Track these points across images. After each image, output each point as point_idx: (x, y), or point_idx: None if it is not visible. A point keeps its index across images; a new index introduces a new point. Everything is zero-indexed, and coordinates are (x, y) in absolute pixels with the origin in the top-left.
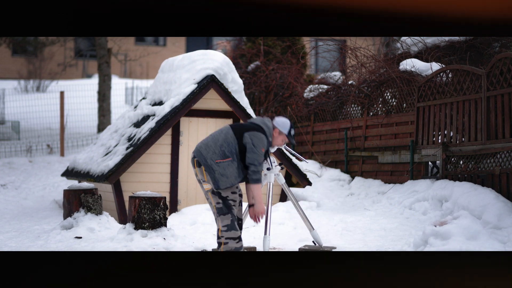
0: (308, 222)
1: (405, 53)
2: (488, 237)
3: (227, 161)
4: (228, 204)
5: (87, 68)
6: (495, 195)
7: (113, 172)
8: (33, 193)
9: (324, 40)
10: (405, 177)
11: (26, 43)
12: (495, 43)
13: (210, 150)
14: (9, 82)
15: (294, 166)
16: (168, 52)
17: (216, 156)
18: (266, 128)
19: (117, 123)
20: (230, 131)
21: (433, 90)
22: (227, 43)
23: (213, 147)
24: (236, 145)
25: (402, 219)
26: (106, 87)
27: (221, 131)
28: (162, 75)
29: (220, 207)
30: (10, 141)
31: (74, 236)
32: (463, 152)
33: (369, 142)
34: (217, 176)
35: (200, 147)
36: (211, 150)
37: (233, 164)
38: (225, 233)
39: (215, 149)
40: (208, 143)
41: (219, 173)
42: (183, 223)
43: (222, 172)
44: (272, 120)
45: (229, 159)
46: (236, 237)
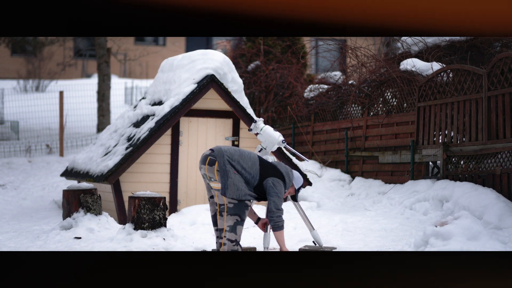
0: (308, 222)
1: (405, 52)
2: (489, 237)
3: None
4: (245, 204)
5: (86, 67)
6: (496, 195)
7: (112, 172)
8: (32, 193)
9: (324, 40)
10: (406, 177)
11: (25, 42)
12: (496, 42)
13: (234, 159)
14: (8, 82)
15: (294, 166)
16: (168, 51)
17: (236, 166)
18: (288, 180)
19: (117, 123)
20: (258, 164)
21: (434, 90)
22: (227, 43)
23: (237, 159)
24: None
25: (402, 219)
26: (105, 87)
27: (250, 157)
28: (162, 74)
29: (231, 207)
30: (9, 141)
31: (73, 237)
32: (464, 152)
33: (370, 142)
34: (229, 183)
35: (225, 150)
36: (234, 160)
37: (246, 183)
38: (227, 233)
39: (239, 161)
40: (235, 153)
41: (232, 182)
42: (183, 223)
43: (236, 183)
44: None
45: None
46: (233, 239)
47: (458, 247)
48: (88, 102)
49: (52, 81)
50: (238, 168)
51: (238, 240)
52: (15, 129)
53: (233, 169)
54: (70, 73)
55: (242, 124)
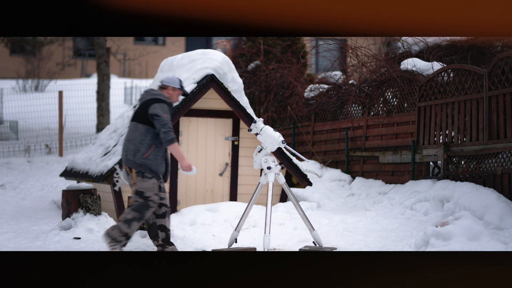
0: (308, 223)
1: (406, 52)
2: (490, 237)
3: (152, 149)
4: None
5: (86, 67)
6: (497, 196)
7: (112, 173)
8: (32, 194)
9: (324, 39)
10: (406, 177)
11: (24, 42)
12: (496, 42)
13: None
14: (7, 82)
15: (294, 166)
16: (168, 51)
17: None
18: (159, 95)
19: (116, 123)
20: (139, 125)
21: (435, 89)
22: (227, 42)
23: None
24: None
25: (403, 219)
26: (105, 86)
27: (130, 130)
28: (162, 74)
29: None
30: (8, 141)
31: (72, 237)
32: (464, 152)
33: (370, 142)
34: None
35: (124, 155)
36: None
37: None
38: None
39: (139, 148)
40: (128, 147)
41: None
42: (183, 224)
43: (154, 161)
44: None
45: (153, 146)
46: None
47: (459, 247)
48: (87, 102)
49: (51, 81)
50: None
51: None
52: (14, 129)
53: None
54: (70, 73)
55: (242, 124)
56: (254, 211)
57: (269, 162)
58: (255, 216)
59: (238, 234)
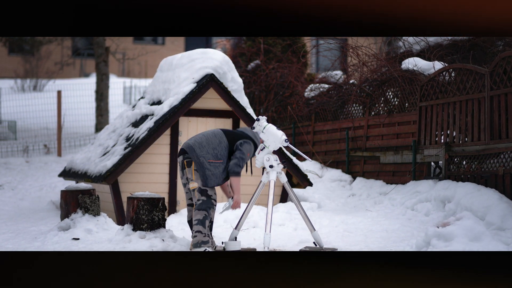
0: (309, 223)
1: (407, 51)
2: (492, 238)
3: (218, 162)
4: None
5: (84, 67)
6: (499, 196)
7: (111, 173)
8: (30, 194)
9: (325, 39)
10: (407, 178)
11: (23, 41)
12: (498, 41)
13: (204, 149)
14: (6, 81)
15: (294, 166)
16: (167, 50)
17: (209, 156)
18: (255, 139)
19: (115, 123)
20: (224, 137)
21: (436, 89)
22: (227, 42)
23: (206, 148)
24: (227, 151)
25: (404, 220)
26: (104, 86)
27: (214, 135)
28: (161, 74)
29: (200, 203)
30: (7, 141)
31: (71, 238)
32: (466, 152)
33: (371, 142)
34: (207, 173)
35: (193, 144)
36: (204, 150)
37: (223, 166)
38: (195, 226)
39: (208, 150)
40: (202, 143)
41: (210, 171)
42: (182, 224)
43: (213, 171)
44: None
45: (220, 161)
46: (203, 232)
47: (460, 248)
48: (86, 102)
49: (50, 81)
50: (211, 152)
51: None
52: (13, 129)
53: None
54: (68, 73)
55: (242, 123)
56: (254, 211)
57: (272, 161)
58: (255, 216)
59: (238, 233)
